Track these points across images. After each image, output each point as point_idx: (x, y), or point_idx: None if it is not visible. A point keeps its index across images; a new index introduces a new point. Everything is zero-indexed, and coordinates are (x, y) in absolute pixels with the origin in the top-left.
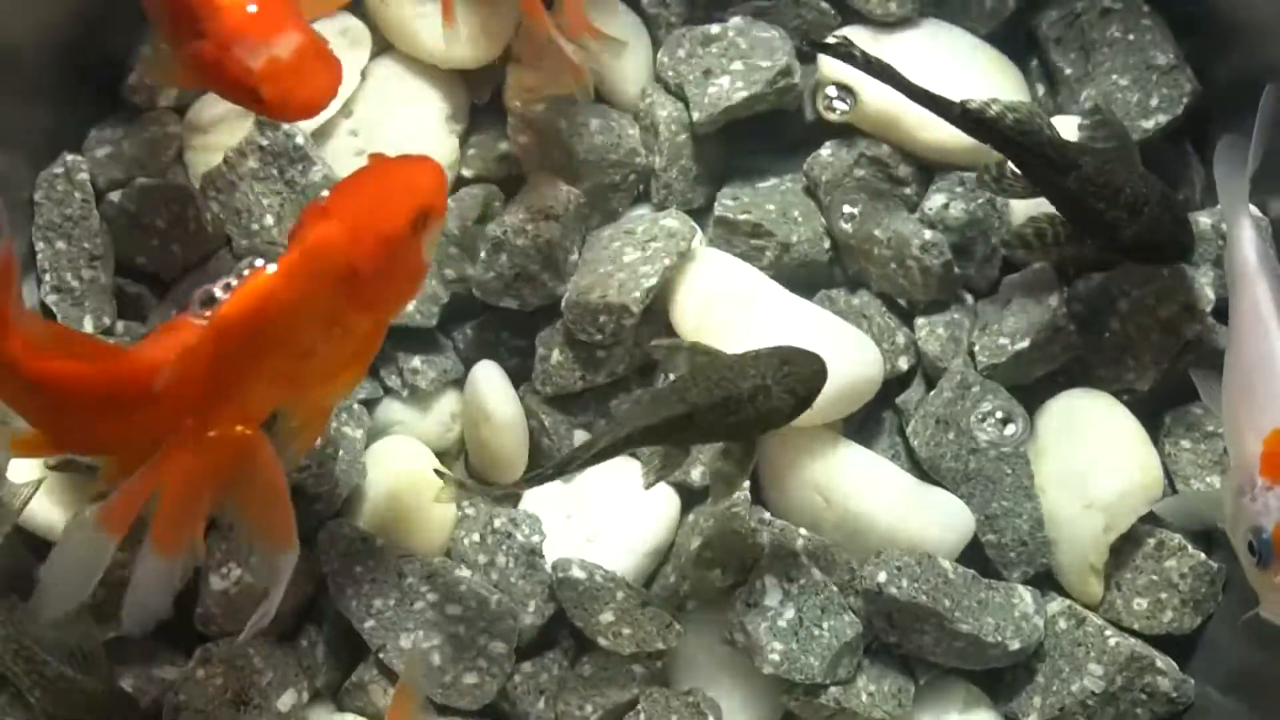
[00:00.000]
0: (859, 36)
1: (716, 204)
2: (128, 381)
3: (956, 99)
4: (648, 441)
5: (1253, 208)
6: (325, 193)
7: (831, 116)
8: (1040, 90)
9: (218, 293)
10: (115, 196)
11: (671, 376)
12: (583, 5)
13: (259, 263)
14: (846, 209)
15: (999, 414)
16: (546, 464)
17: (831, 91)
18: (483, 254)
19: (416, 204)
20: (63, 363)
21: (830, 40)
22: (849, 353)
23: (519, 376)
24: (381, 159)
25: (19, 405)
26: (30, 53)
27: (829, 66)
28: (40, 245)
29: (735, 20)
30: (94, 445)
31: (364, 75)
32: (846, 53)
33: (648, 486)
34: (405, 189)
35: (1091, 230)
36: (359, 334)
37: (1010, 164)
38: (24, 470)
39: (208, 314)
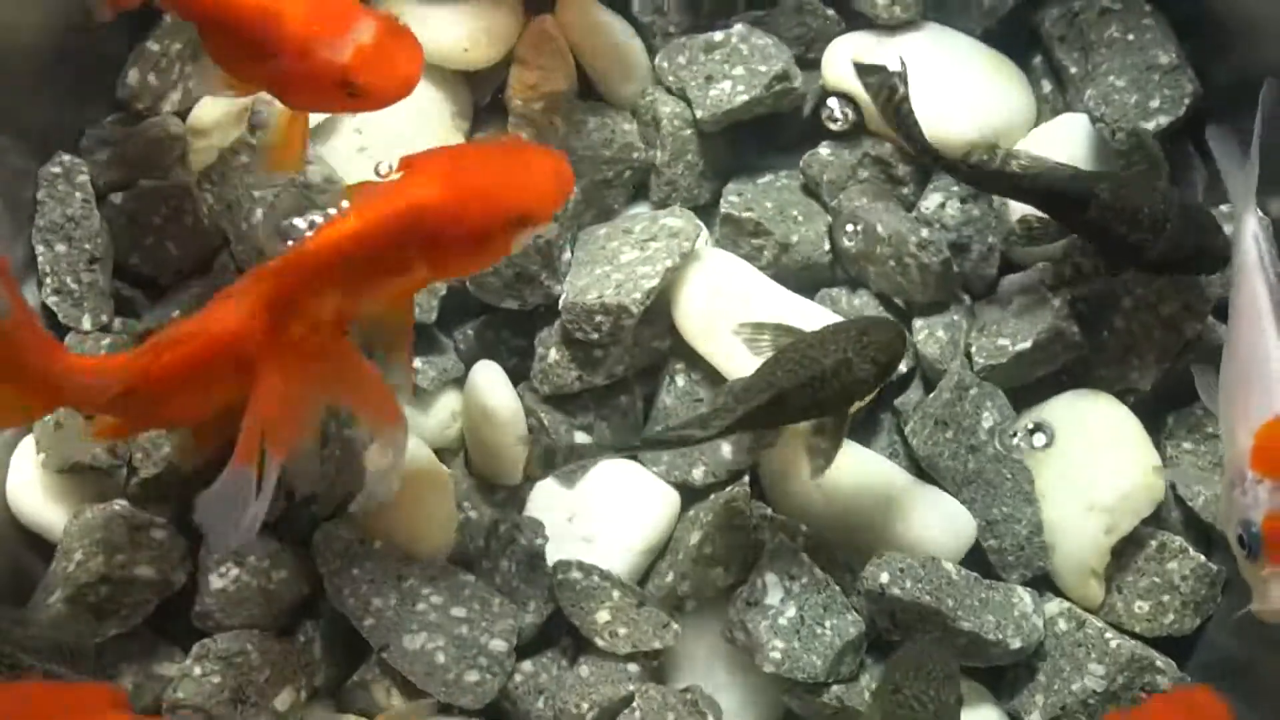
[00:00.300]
0: (863, 40)
1: (722, 200)
2: (215, 353)
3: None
4: (744, 428)
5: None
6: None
7: (834, 127)
8: (1046, 88)
9: (299, 224)
10: (117, 199)
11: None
12: None
13: (345, 205)
14: (849, 227)
15: (1029, 424)
16: (652, 433)
17: (833, 103)
18: None
19: (524, 207)
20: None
21: (871, 65)
22: None
23: (519, 376)
24: (519, 143)
25: (122, 414)
26: (28, 50)
27: (833, 75)
28: (40, 249)
29: (738, 28)
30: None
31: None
32: (882, 78)
33: (738, 465)
34: (521, 187)
35: (1121, 256)
36: (417, 279)
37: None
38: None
39: (289, 243)
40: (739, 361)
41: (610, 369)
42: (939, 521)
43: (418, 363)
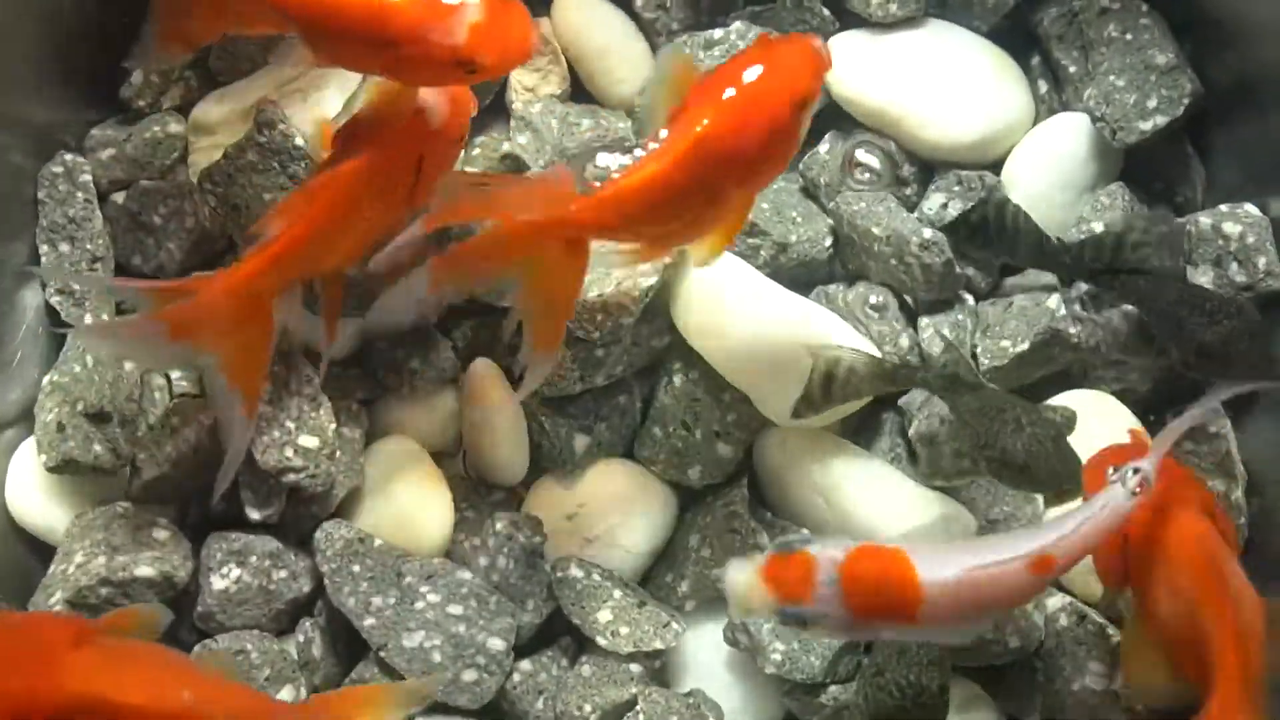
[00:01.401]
0: (858, 39)
1: None
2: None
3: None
4: (936, 389)
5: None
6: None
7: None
8: (1043, 87)
9: (607, 162)
10: (119, 198)
11: None
12: None
13: (652, 146)
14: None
15: (1131, 468)
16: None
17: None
18: None
19: (799, 91)
20: None
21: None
22: None
23: (517, 376)
24: (765, 42)
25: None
26: (30, 49)
27: (853, 95)
28: (44, 249)
29: (737, 24)
30: None
31: (365, 78)
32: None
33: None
34: (791, 75)
35: (1169, 332)
36: (730, 203)
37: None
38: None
39: (596, 184)
40: (736, 360)
41: (610, 369)
42: (940, 522)
43: (415, 361)
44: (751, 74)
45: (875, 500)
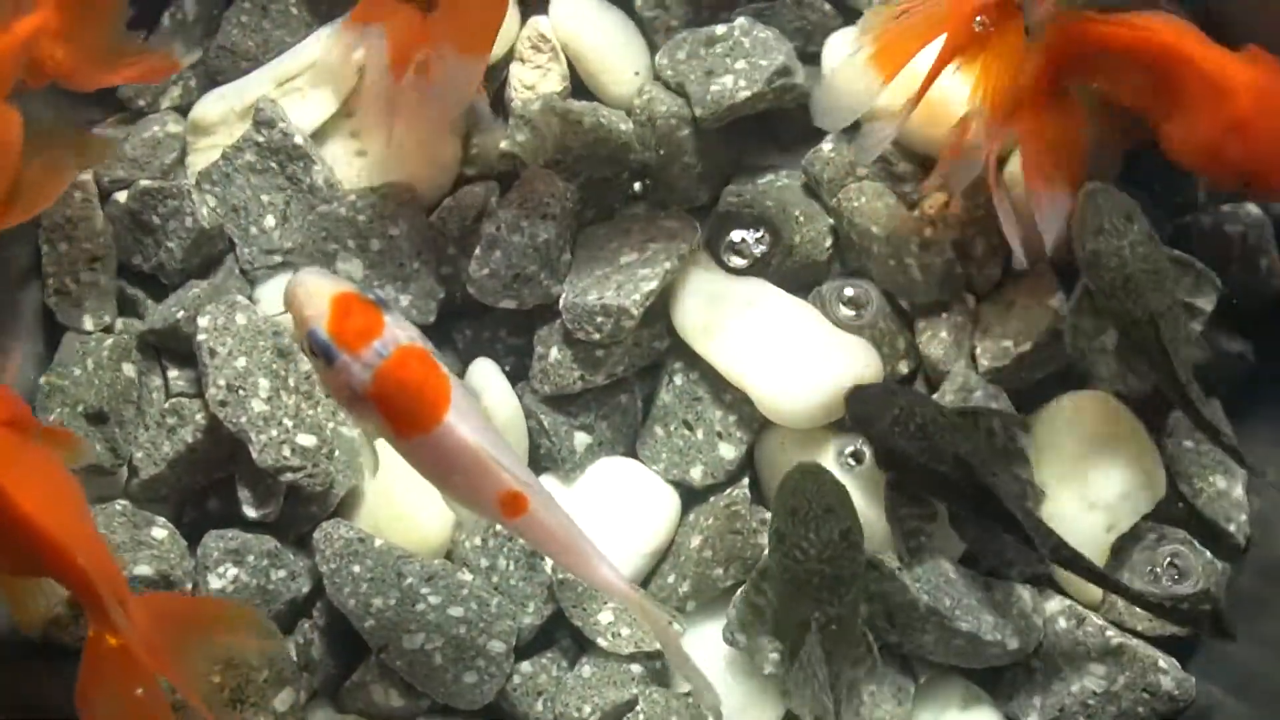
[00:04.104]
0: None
1: (721, 201)
2: None
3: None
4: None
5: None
6: None
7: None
8: None
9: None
10: (120, 197)
11: None
12: None
13: None
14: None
15: (1166, 559)
16: None
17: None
18: (477, 250)
19: None
20: None
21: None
22: (847, 355)
23: (516, 376)
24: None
25: None
26: None
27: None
28: (45, 249)
29: (740, 21)
30: None
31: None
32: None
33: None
34: None
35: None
36: None
37: None
38: None
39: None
40: (736, 362)
41: (611, 369)
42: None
43: None
44: None
45: (875, 499)
